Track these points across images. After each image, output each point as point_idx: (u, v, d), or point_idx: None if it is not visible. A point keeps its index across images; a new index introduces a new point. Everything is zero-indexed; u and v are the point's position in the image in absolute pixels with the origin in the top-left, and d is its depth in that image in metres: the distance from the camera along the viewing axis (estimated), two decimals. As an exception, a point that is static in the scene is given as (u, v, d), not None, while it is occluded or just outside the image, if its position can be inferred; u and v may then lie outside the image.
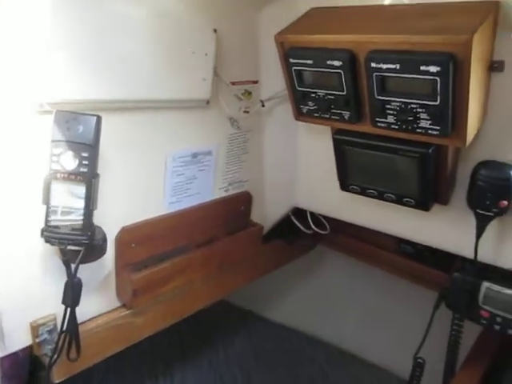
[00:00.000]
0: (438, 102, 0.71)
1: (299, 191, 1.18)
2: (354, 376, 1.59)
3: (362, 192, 0.94)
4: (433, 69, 0.68)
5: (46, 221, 0.71)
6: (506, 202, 0.79)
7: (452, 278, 0.98)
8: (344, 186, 0.97)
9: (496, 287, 0.92)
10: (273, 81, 1.03)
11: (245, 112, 1.03)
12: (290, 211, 1.24)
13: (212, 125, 0.98)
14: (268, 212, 1.20)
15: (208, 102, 0.93)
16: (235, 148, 1.05)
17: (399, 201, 0.89)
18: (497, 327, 0.93)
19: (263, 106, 1.03)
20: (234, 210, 1.11)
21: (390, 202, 0.91)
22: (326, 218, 1.31)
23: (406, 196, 0.88)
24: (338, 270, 1.64)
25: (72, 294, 0.76)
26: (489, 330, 1.08)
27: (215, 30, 0.86)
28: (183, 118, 0.91)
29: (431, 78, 0.69)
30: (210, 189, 1.04)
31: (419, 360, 1.03)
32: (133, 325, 0.94)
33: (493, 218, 0.83)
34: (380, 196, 0.92)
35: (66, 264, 0.75)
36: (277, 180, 1.16)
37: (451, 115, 0.72)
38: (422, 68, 0.69)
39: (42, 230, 0.71)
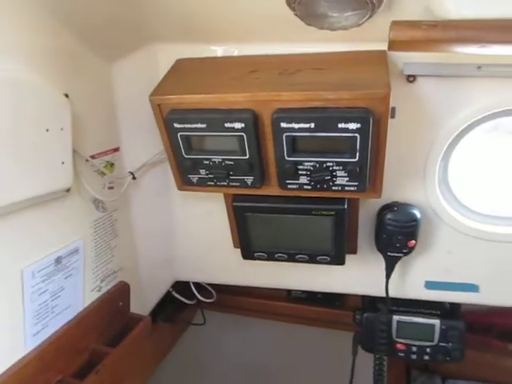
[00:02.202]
0: (356, 159, 0.66)
1: (179, 264, 1.02)
2: None
3: (270, 258, 0.85)
4: (352, 126, 0.63)
5: None
6: (414, 242, 0.81)
7: (363, 318, 0.97)
8: (247, 255, 0.86)
9: (405, 318, 0.95)
10: (137, 145, 0.85)
11: (109, 189, 0.81)
12: (171, 286, 1.06)
13: (75, 215, 0.74)
14: (148, 296, 1.00)
15: (69, 190, 0.69)
16: (103, 234, 0.82)
17: (313, 260, 0.83)
18: (413, 356, 0.95)
19: (134, 178, 0.83)
20: (112, 310, 0.87)
21: (302, 262, 0.84)
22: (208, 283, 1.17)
23: (319, 254, 0.82)
24: (224, 329, 1.50)
25: None
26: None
27: (67, 95, 0.64)
28: (38, 218, 0.66)
29: (350, 135, 0.64)
30: (80, 296, 0.79)
31: (349, 412, 0.99)
32: None
33: (401, 258, 0.84)
34: (291, 258, 0.84)
35: None
36: (153, 258, 0.97)
37: (369, 170, 0.68)
38: (340, 126, 0.63)
39: None
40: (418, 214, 0.79)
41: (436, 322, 0.93)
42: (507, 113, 0.73)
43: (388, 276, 0.86)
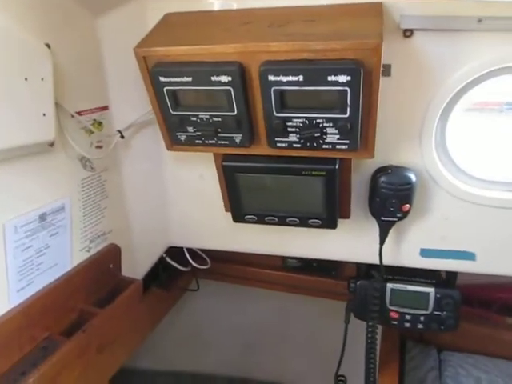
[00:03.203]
0: (347, 115, 0.64)
1: (172, 229, 1.01)
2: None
3: (260, 221, 0.83)
4: (342, 78, 0.60)
5: None
6: (408, 206, 0.79)
7: (356, 286, 0.95)
8: (238, 217, 0.84)
9: (399, 286, 0.93)
10: (126, 104, 0.83)
11: (97, 148, 0.80)
12: (164, 252, 1.05)
13: (60, 171, 0.73)
14: (140, 261, 0.99)
15: (52, 144, 0.67)
16: (92, 194, 0.81)
17: (304, 223, 0.81)
18: (407, 325, 0.94)
19: (122, 137, 0.81)
20: (102, 272, 0.87)
21: (294, 226, 0.82)
22: (203, 250, 1.16)
23: (311, 217, 0.80)
24: (216, 296, 1.50)
25: None
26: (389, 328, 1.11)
27: (48, 46, 0.62)
28: (21, 171, 0.65)
29: (340, 88, 0.61)
30: (68, 255, 0.78)
31: (341, 378, 0.98)
32: None
33: (395, 223, 0.82)
34: (281, 222, 0.82)
35: None
36: (145, 222, 0.96)
37: (360, 127, 0.65)
38: (330, 78, 0.60)
39: None
40: (413, 177, 0.77)
41: (431, 290, 0.91)
42: (509, 70, 0.70)
43: (382, 242, 0.84)
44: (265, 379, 1.56)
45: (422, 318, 0.92)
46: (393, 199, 0.78)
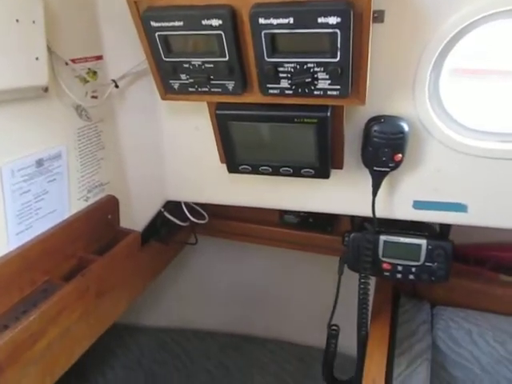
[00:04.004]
0: (337, 59, 0.64)
1: (169, 183, 1.02)
2: (256, 359, 1.55)
3: (254, 171, 0.84)
4: (332, 20, 0.60)
5: None
6: (400, 156, 0.79)
7: (349, 239, 0.97)
8: (232, 168, 0.86)
9: (392, 238, 0.95)
10: (121, 54, 0.83)
11: (93, 98, 0.81)
12: (162, 206, 1.07)
13: (55, 119, 0.74)
14: (138, 214, 1.01)
15: (46, 90, 0.68)
16: (88, 144, 0.83)
17: (297, 173, 0.82)
18: (399, 276, 0.96)
19: (117, 86, 0.82)
20: (100, 221, 0.89)
21: (287, 176, 0.83)
22: (200, 205, 1.18)
23: (304, 167, 0.81)
24: (208, 252, 1.54)
25: None
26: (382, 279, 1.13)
27: (39, -12, 0.62)
28: (16, 116, 0.66)
29: (330, 31, 0.61)
30: (66, 202, 0.80)
31: (333, 327, 1.01)
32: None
33: (388, 173, 0.83)
34: (275, 172, 0.83)
35: None
36: (142, 175, 0.97)
37: (351, 72, 0.65)
38: (320, 20, 0.60)
39: None
40: (405, 126, 0.77)
41: (423, 241, 0.93)
42: (505, 14, 0.69)
43: (374, 193, 0.85)
44: (264, 335, 1.62)
45: (413, 269, 0.94)
46: (385, 148, 0.78)
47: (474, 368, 1.12)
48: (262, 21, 0.62)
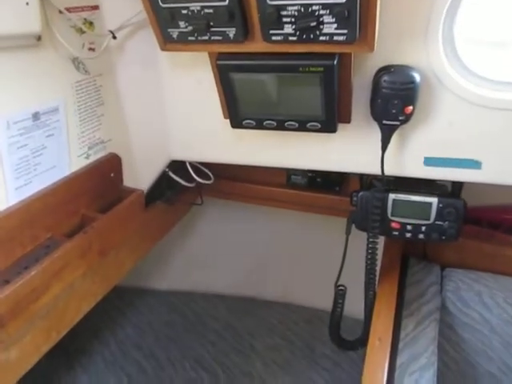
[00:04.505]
0: (344, 0, 0.59)
1: (173, 141, 1.00)
2: (264, 321, 1.56)
3: (258, 126, 0.81)
4: (338, -45, 0.56)
5: None
6: (411, 108, 0.75)
7: (358, 197, 0.95)
8: (236, 123, 0.83)
9: (402, 196, 0.92)
10: (118, 3, 0.80)
11: (90, 50, 0.78)
12: (167, 166, 1.05)
13: (51, 71, 0.71)
14: (142, 173, 1.00)
15: (40, 38, 0.66)
16: (87, 99, 0.80)
17: (303, 127, 0.79)
18: (408, 235, 0.93)
19: (114, 37, 0.79)
20: (103, 180, 0.88)
21: (292, 130, 0.80)
22: (206, 166, 1.16)
23: (309, 120, 0.78)
24: (217, 215, 1.53)
25: None
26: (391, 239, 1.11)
27: None
28: (9, 65, 0.63)
29: (336, -33, 0.57)
30: (66, 159, 0.78)
31: (340, 287, 1.00)
32: (7, 362, 0.69)
33: (398, 127, 0.79)
34: (280, 126, 0.80)
35: None
36: (145, 132, 0.95)
37: (359, 15, 0.61)
38: (325, -45, 0.56)
39: None
40: (417, 76, 0.73)
41: (434, 200, 0.90)
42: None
43: (384, 148, 0.82)
44: (272, 298, 1.62)
45: (423, 228, 0.92)
46: (395, 100, 0.74)
47: (484, 329, 1.10)
48: (262, -42, 0.58)
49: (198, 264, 1.66)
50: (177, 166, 1.10)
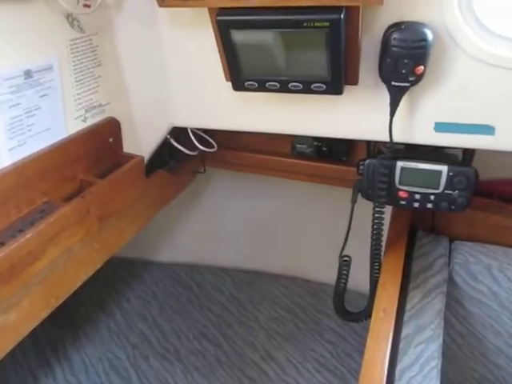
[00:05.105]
0: None
1: (174, 107, 0.97)
2: (269, 293, 1.55)
3: (261, 87, 0.78)
4: None
5: None
6: (422, 68, 0.71)
7: (364, 165, 0.91)
8: (237, 85, 0.79)
9: (410, 164, 0.88)
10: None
11: (85, 6, 0.74)
12: (168, 133, 1.03)
13: (44, 26, 0.68)
14: (143, 139, 0.97)
15: (28, -10, 0.62)
16: (83, 59, 0.77)
17: (307, 89, 0.75)
18: (416, 204, 0.90)
19: (110, -8, 0.75)
20: (102, 144, 0.86)
21: (297, 92, 0.76)
22: (209, 134, 1.13)
23: (314, 81, 0.74)
24: (222, 188, 1.51)
25: None
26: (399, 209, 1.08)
27: None
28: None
29: None
30: (62, 121, 0.76)
31: (345, 258, 0.98)
32: (4, 325, 0.68)
33: (407, 89, 0.75)
34: (283, 88, 0.77)
35: None
36: (144, 96, 0.92)
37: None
38: None
39: None
40: (429, 34, 0.68)
41: (443, 168, 0.86)
42: None
43: (392, 112, 0.78)
44: (278, 271, 1.61)
45: (432, 198, 0.88)
46: (405, 59, 0.70)
47: (492, 304, 1.08)
48: None
49: (204, 236, 1.65)
50: (179, 133, 1.07)
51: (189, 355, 1.34)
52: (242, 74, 0.77)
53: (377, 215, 0.90)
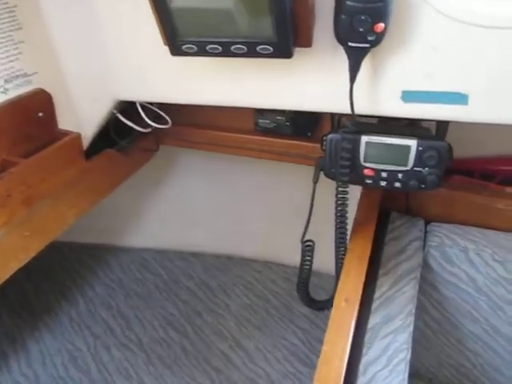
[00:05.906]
0: None
1: (116, 77, 0.86)
2: (241, 279, 1.48)
3: (201, 51, 0.68)
4: None
5: None
6: (382, 25, 0.61)
7: (326, 141, 0.82)
8: (175, 49, 0.69)
9: (376, 139, 0.79)
10: None
11: (-8, -44, 0.64)
12: (115, 108, 0.93)
13: None
14: (83, 115, 0.87)
15: None
16: (-3, 21, 0.67)
17: (252, 52, 0.66)
18: (383, 183, 0.82)
19: None
20: (29, 120, 0.76)
21: (241, 56, 0.67)
22: (163, 110, 1.03)
23: (260, 43, 0.64)
24: (192, 171, 1.42)
25: None
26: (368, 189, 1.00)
27: None
28: None
29: None
30: (-27, 91, 0.66)
31: (308, 243, 0.90)
32: None
33: (368, 51, 0.66)
34: (226, 51, 0.67)
35: None
36: (80, 65, 0.82)
37: None
38: None
39: None
40: (389, -16, 0.59)
41: (412, 142, 0.77)
42: None
43: (352, 78, 0.69)
44: (251, 256, 1.54)
45: (399, 176, 0.80)
46: (362, 15, 0.60)
47: (469, 289, 1.01)
48: None
49: (173, 221, 1.56)
50: (129, 108, 0.97)
51: (152, 345, 1.27)
52: (178, 35, 0.67)
53: (340, 195, 0.82)
